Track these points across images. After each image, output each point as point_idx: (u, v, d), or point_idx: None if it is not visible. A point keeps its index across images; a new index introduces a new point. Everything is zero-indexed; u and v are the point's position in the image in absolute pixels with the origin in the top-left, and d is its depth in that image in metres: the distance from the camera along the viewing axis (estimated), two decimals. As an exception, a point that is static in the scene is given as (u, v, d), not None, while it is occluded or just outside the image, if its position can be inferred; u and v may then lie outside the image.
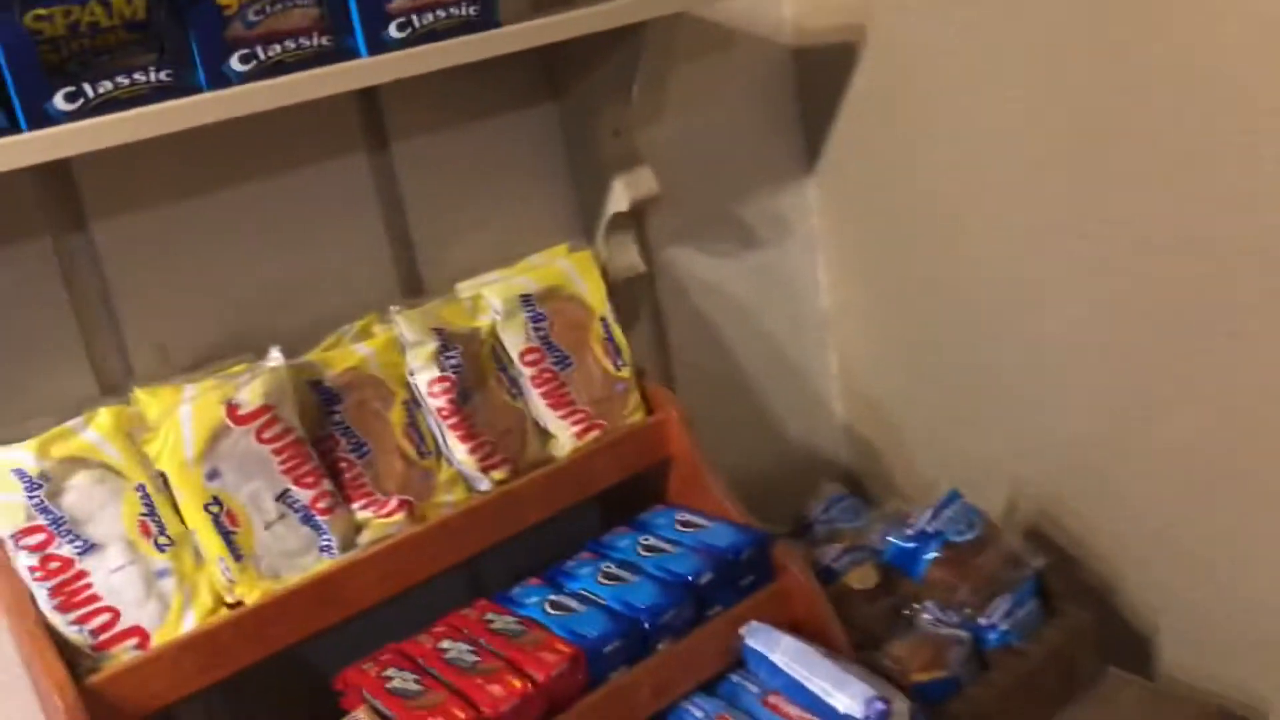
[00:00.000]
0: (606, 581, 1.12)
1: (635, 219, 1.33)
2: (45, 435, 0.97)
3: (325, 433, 1.08)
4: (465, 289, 1.22)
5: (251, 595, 1.01)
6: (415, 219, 1.22)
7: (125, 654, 0.97)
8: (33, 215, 1.01)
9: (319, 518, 1.04)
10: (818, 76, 1.46)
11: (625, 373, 1.23)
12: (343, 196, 1.17)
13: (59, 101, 0.88)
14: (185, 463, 0.98)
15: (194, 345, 1.10)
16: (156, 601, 0.99)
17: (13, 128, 0.88)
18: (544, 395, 1.19)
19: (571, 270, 1.22)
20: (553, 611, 1.08)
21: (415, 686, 1.00)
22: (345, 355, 1.11)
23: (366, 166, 1.19)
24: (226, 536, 1.00)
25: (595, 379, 1.21)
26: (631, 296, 1.35)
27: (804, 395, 1.56)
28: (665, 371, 1.41)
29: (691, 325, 1.43)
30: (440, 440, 1.13)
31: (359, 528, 1.07)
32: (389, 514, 1.07)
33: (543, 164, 1.30)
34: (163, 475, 0.99)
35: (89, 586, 0.97)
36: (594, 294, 1.23)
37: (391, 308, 1.14)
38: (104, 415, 0.99)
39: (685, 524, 1.19)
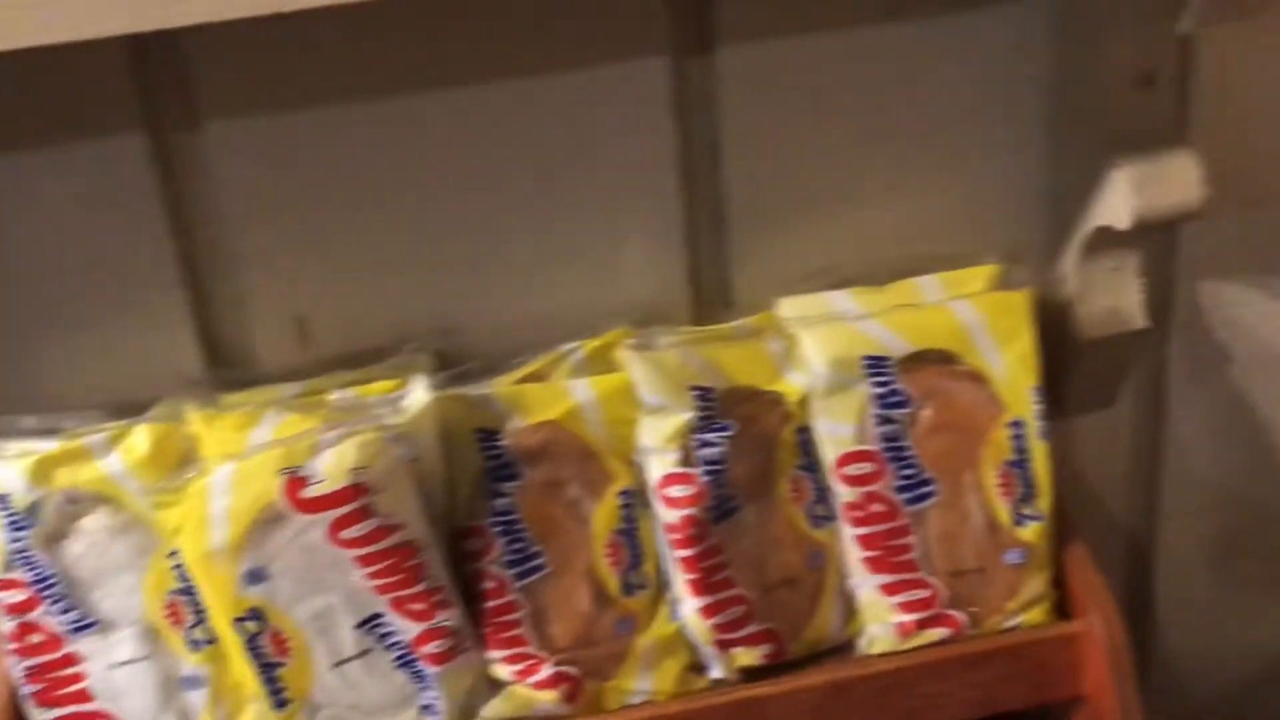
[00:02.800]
0: None
1: (1147, 238, 0.73)
2: (51, 450, 0.64)
3: (478, 523, 0.66)
4: (791, 313, 0.72)
5: (297, 761, 0.64)
6: (733, 170, 0.72)
7: (117, 785, 0.66)
8: (126, 102, 0.65)
9: (425, 666, 0.64)
10: None
11: (1031, 533, 0.68)
12: (621, 118, 0.70)
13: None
14: (210, 553, 0.61)
15: (347, 322, 0.71)
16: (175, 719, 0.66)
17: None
18: (864, 542, 0.67)
19: (979, 326, 0.68)
20: None
21: None
22: (550, 396, 0.67)
23: (666, 79, 0.70)
24: (267, 670, 0.63)
25: (972, 531, 0.67)
26: (1103, 370, 0.76)
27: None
28: (1147, 505, 0.83)
29: (1206, 429, 0.82)
30: (667, 572, 0.68)
31: (491, 688, 0.66)
32: (539, 685, 0.65)
33: (994, 100, 0.72)
34: (193, 553, 0.64)
35: (79, 679, 0.65)
36: (1014, 375, 0.67)
37: (626, 341, 0.67)
38: (140, 436, 0.64)
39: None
